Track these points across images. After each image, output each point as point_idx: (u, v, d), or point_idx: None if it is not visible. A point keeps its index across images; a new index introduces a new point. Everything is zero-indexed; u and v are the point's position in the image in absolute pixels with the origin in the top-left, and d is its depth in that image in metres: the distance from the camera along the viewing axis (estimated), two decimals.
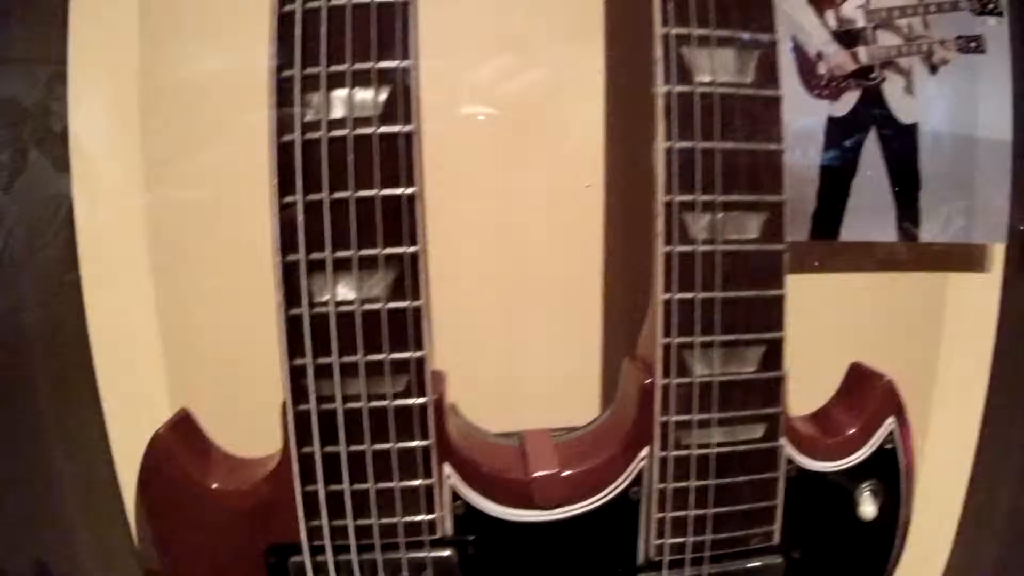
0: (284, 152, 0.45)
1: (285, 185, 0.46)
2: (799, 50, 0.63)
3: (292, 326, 0.46)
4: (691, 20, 0.48)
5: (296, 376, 0.46)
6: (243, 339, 0.56)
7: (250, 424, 0.48)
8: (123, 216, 0.64)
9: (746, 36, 0.49)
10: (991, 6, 0.70)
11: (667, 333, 0.48)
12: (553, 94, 0.64)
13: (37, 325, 0.65)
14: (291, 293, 0.46)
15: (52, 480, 0.66)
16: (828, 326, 0.66)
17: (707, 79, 0.48)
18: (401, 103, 0.46)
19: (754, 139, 0.49)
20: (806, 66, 0.63)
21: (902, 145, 0.66)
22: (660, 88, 0.48)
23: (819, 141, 0.64)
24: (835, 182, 0.64)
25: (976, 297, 0.72)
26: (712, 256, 0.49)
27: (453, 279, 0.63)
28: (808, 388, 0.56)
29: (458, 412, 0.53)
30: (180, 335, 0.65)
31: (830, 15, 0.64)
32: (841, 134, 0.64)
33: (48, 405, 0.66)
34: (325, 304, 0.46)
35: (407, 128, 0.45)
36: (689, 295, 0.48)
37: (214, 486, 0.50)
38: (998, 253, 0.72)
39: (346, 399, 0.47)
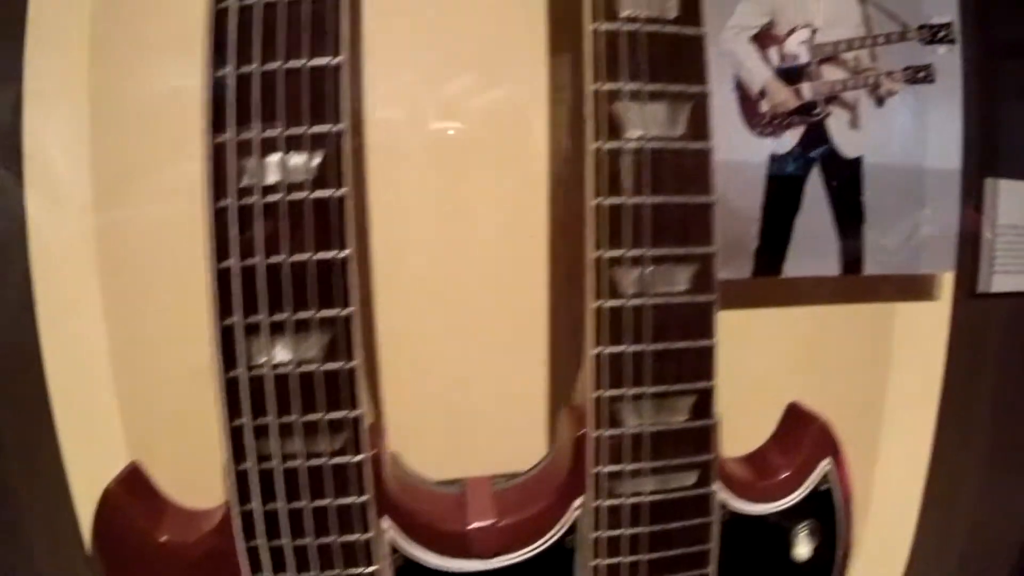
0: (219, 217, 0.46)
1: (221, 250, 0.47)
2: (741, 88, 0.64)
3: (230, 388, 0.47)
4: (622, 75, 0.49)
5: (235, 436, 0.48)
6: (195, 372, 0.57)
7: (206, 457, 0.49)
8: (78, 240, 0.64)
9: (677, 89, 0.50)
10: (942, 34, 0.70)
11: (598, 386, 0.50)
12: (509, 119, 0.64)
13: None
14: (229, 356, 0.47)
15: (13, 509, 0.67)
16: (774, 361, 0.68)
17: (638, 134, 0.49)
18: (334, 167, 0.47)
19: (685, 192, 0.50)
20: (748, 104, 0.64)
21: (846, 179, 0.67)
22: (590, 145, 0.49)
23: (762, 179, 0.64)
24: (778, 219, 0.65)
25: (924, 325, 0.73)
26: (642, 310, 0.50)
27: (401, 326, 0.64)
28: (754, 424, 0.57)
29: (399, 462, 0.55)
30: (133, 370, 0.65)
31: (773, 52, 0.65)
32: (784, 171, 0.65)
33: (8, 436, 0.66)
34: (262, 366, 0.47)
35: (339, 192, 0.46)
36: (619, 348, 0.49)
37: (163, 539, 0.51)
38: (946, 281, 0.73)
39: (285, 458, 0.48)
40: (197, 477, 0.49)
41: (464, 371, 0.66)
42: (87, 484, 0.65)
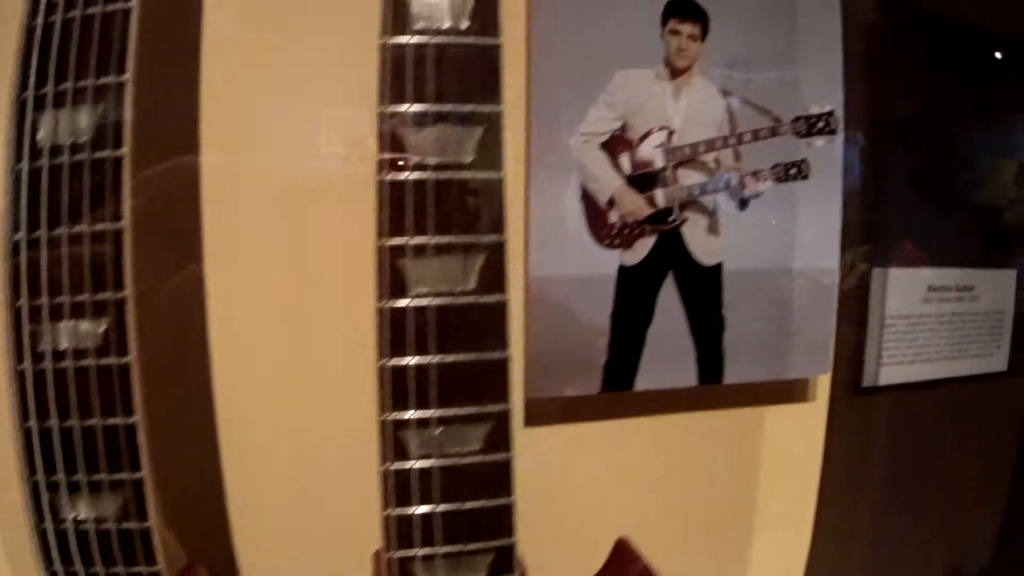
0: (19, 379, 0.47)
1: (24, 411, 0.47)
2: (588, 199, 0.61)
3: (41, 539, 0.48)
4: (407, 229, 0.47)
5: None
6: None
7: None
8: None
9: (469, 240, 0.47)
10: (821, 125, 0.67)
11: (388, 547, 0.48)
12: None
13: None
14: (37, 510, 0.47)
15: None
16: (631, 475, 0.65)
17: (424, 290, 0.47)
18: (116, 334, 0.46)
19: (477, 349, 0.48)
20: (596, 215, 0.61)
21: (703, 288, 0.64)
22: (376, 304, 0.47)
23: (610, 292, 0.62)
24: (628, 331, 0.62)
25: (797, 428, 0.70)
26: (430, 472, 0.48)
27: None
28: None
29: None
30: None
31: (624, 159, 0.62)
32: (634, 283, 0.62)
33: None
34: (65, 522, 0.47)
35: (124, 360, 0.46)
36: (408, 511, 0.48)
37: None
38: (822, 381, 0.70)
39: None
40: None
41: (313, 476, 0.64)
42: None
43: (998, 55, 0.77)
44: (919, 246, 0.75)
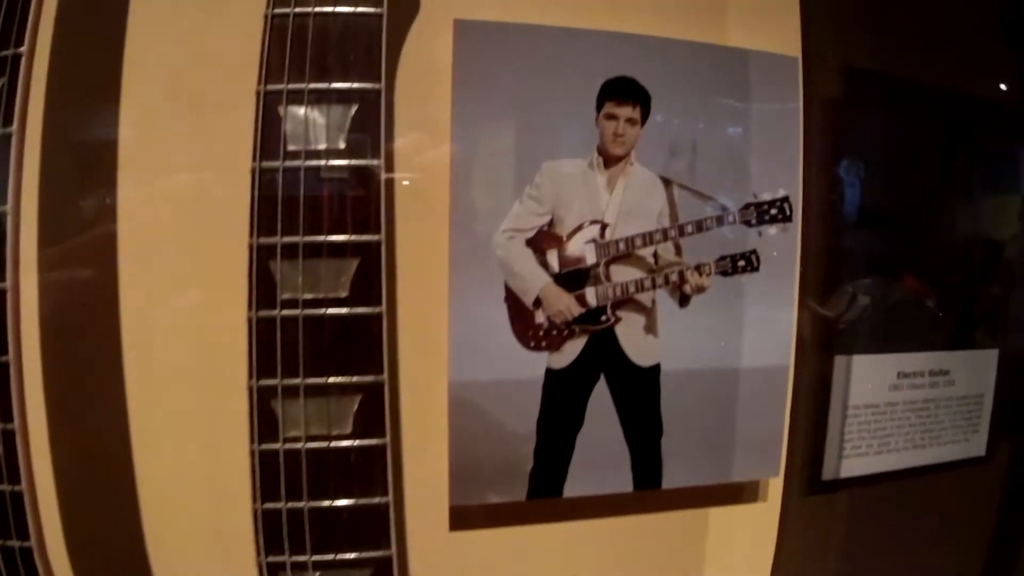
0: None
1: None
2: (512, 299, 0.57)
3: None
4: (278, 370, 0.44)
5: None
6: None
7: None
8: None
9: (345, 382, 0.44)
10: (774, 212, 0.62)
11: None
12: None
13: None
14: None
15: None
16: None
17: (296, 433, 0.44)
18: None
19: (355, 493, 0.45)
20: (521, 317, 0.57)
21: (639, 390, 0.60)
22: (249, 446, 0.44)
23: (536, 396, 0.58)
24: (556, 437, 0.59)
25: (745, 532, 0.66)
26: None
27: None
28: None
29: None
30: None
31: (552, 256, 0.58)
32: (563, 387, 0.59)
33: None
34: None
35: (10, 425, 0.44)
36: None
37: None
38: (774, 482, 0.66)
39: None
40: None
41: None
42: None
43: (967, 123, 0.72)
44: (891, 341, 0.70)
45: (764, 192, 0.61)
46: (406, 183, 0.57)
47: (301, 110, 0.43)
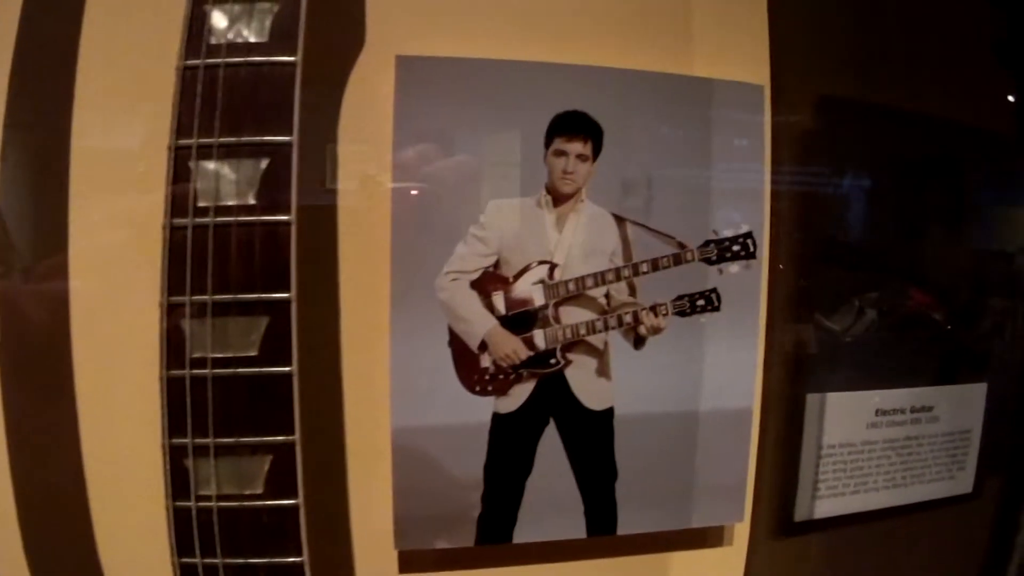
0: None
1: None
2: (457, 343, 0.56)
3: None
4: (188, 429, 0.43)
5: None
6: None
7: None
8: None
9: (256, 442, 0.43)
10: (736, 248, 0.59)
11: None
12: None
13: None
14: None
15: None
16: None
17: (208, 492, 0.43)
18: None
19: (269, 552, 0.43)
20: (466, 361, 0.56)
21: (591, 435, 0.58)
22: (164, 501, 0.43)
23: (483, 442, 0.56)
24: (504, 483, 0.57)
25: (711, 574, 0.64)
26: None
27: None
28: None
29: None
30: None
31: (498, 298, 0.56)
32: (510, 432, 0.57)
33: None
34: None
35: None
36: None
37: None
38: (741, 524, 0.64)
39: None
40: None
41: None
42: None
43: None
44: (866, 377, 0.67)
45: (726, 228, 0.59)
46: (347, 222, 0.55)
47: (212, 165, 0.42)
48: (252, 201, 0.42)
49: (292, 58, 0.43)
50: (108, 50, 0.54)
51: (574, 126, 0.56)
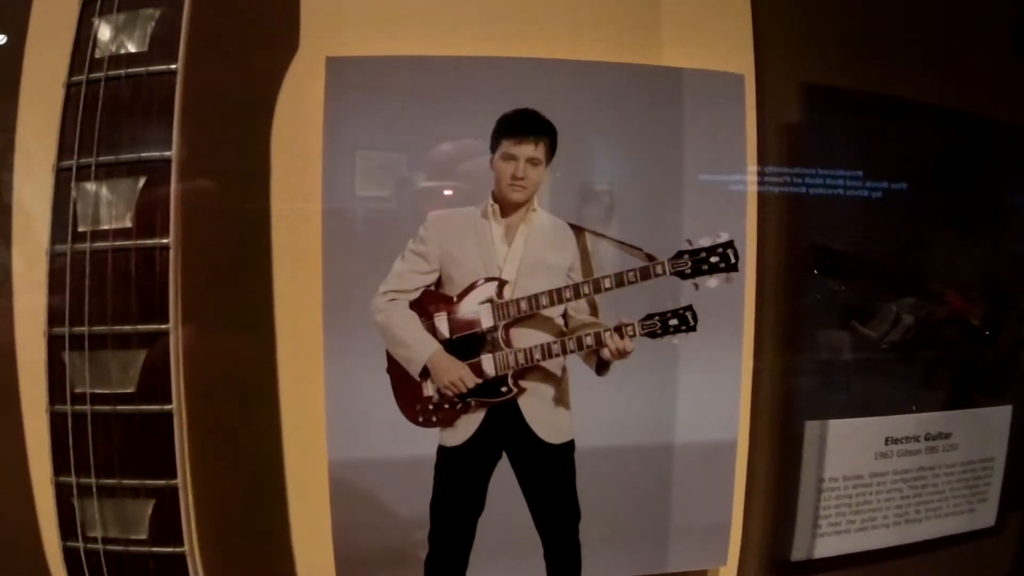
0: None
1: None
2: (397, 369, 0.50)
3: None
4: (72, 468, 0.39)
5: None
6: None
7: None
8: None
9: (137, 485, 0.39)
10: (714, 260, 0.53)
11: None
12: None
13: None
14: None
15: None
16: None
17: (94, 534, 0.39)
18: None
19: None
20: (407, 389, 0.51)
21: (550, 471, 0.52)
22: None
23: (428, 477, 0.51)
24: (453, 522, 0.52)
25: None
26: None
27: None
28: None
29: None
30: None
31: (441, 320, 0.51)
32: (458, 466, 0.51)
33: None
34: None
35: None
36: None
37: None
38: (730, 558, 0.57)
39: None
40: None
41: None
42: None
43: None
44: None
45: (702, 237, 0.52)
46: (281, 238, 0.51)
47: (91, 186, 0.38)
48: (128, 224, 0.38)
49: (172, 66, 0.38)
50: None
51: (523, 127, 0.50)
